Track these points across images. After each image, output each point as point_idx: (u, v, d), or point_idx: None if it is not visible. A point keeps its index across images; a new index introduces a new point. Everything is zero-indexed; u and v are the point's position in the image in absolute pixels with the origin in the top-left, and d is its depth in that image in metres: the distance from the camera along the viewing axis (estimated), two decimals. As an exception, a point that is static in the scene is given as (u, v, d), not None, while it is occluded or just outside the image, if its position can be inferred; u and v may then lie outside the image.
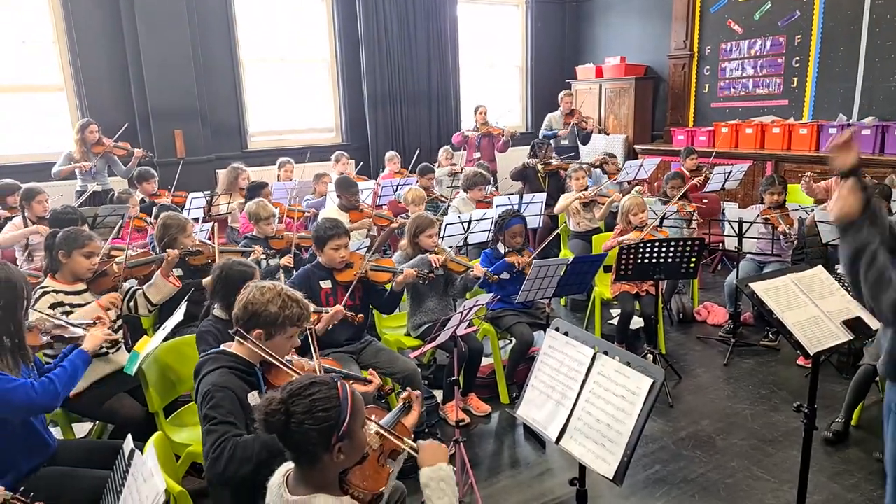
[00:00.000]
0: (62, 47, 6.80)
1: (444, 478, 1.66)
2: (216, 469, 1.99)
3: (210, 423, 2.05)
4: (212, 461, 1.99)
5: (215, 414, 2.05)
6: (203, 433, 2.07)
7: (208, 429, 2.04)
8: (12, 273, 2.35)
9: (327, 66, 8.57)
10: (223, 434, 2.02)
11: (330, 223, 3.47)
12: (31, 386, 2.28)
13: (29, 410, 2.28)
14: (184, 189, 6.04)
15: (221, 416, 2.05)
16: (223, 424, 2.04)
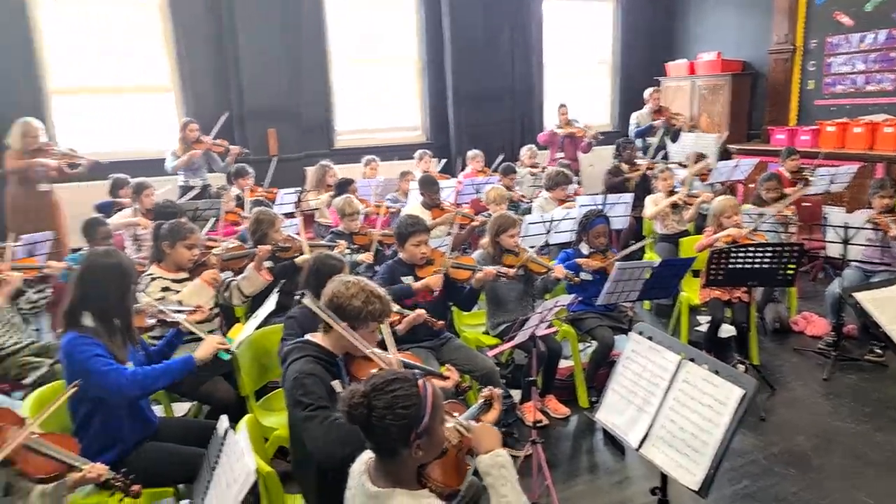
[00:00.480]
0: (170, 51, 7.27)
1: (503, 464, 1.65)
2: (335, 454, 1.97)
3: (308, 410, 2.08)
4: (325, 446, 2.00)
5: (309, 400, 2.09)
6: (302, 419, 2.09)
7: (307, 415, 2.07)
8: (123, 259, 2.55)
9: (413, 65, 8.71)
10: (325, 418, 2.03)
11: (411, 219, 3.53)
12: (123, 374, 2.42)
13: (116, 394, 2.42)
14: (275, 185, 6.30)
15: (316, 400, 2.09)
16: (319, 409, 2.07)
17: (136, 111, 7.31)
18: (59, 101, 6.86)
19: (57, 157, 5.56)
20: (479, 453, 1.69)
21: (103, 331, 2.45)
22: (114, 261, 2.51)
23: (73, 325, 2.41)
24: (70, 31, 6.87)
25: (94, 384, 2.37)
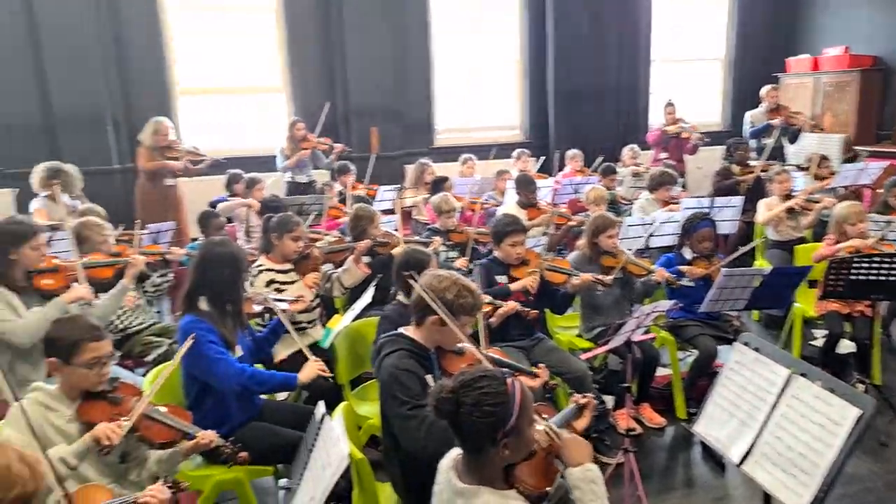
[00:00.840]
0: (282, 53, 7.67)
1: (594, 479, 1.62)
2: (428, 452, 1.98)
3: (406, 408, 2.12)
4: (423, 447, 2.04)
5: (407, 397, 2.13)
6: (401, 417, 2.14)
7: (405, 414, 2.12)
8: (236, 248, 2.73)
9: (514, 64, 8.68)
10: (424, 419, 2.07)
11: (508, 219, 3.53)
12: (232, 366, 2.58)
13: (219, 382, 2.58)
14: (376, 182, 6.49)
15: (413, 398, 2.13)
16: (418, 409, 2.11)
17: (250, 110, 7.77)
18: (184, 101, 7.42)
19: (182, 154, 6.02)
20: (568, 465, 1.67)
21: (217, 315, 2.63)
22: (227, 249, 2.69)
23: (190, 308, 2.61)
24: (194, 35, 7.40)
25: (204, 368, 2.55)
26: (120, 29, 6.92)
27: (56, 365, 2.14)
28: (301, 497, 1.86)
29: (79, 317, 2.23)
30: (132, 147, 6.76)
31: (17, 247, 2.95)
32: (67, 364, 2.12)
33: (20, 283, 3.00)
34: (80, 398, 2.15)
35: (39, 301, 3.06)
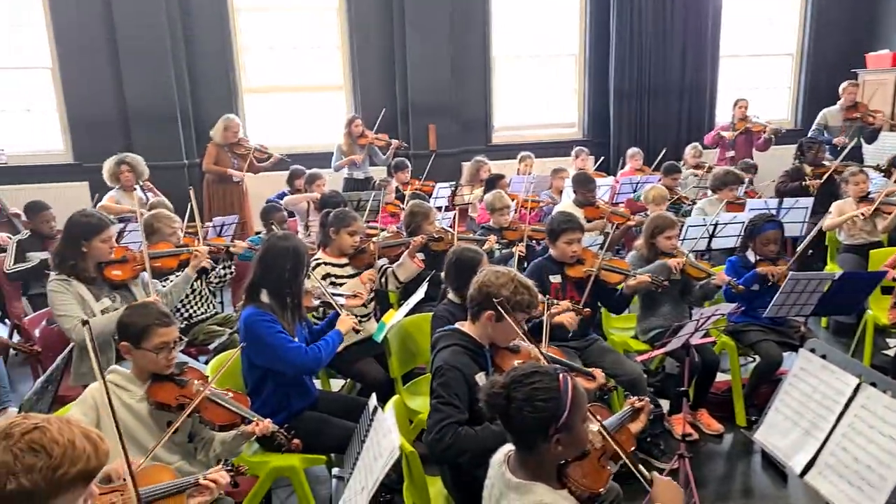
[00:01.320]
0: (344, 51, 7.81)
1: None
2: (435, 449, 2.11)
3: (438, 401, 2.17)
4: (433, 440, 2.11)
5: (443, 392, 2.17)
6: (431, 406, 2.21)
7: (435, 405, 2.17)
8: (298, 242, 2.81)
9: (574, 61, 8.57)
10: (447, 417, 2.12)
11: (565, 217, 3.49)
12: (304, 351, 2.68)
13: (296, 369, 2.68)
14: (433, 179, 6.54)
15: (448, 395, 2.16)
16: (448, 406, 2.15)
17: (311, 108, 7.95)
18: (249, 98, 7.67)
19: (250, 151, 6.23)
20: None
21: (277, 307, 2.71)
22: (290, 244, 2.77)
23: (252, 300, 2.70)
24: (260, 34, 7.62)
25: (276, 357, 2.63)
26: (191, 30, 7.21)
27: (127, 348, 2.26)
28: (353, 486, 1.89)
29: (149, 303, 2.34)
30: (199, 143, 7.05)
31: (89, 239, 3.08)
32: (137, 348, 2.23)
33: (91, 274, 3.13)
34: (149, 380, 2.27)
35: (108, 291, 3.20)
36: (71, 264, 3.04)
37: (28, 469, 1.30)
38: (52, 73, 6.96)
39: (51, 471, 1.32)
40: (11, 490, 1.30)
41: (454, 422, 2.11)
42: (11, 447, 1.31)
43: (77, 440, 1.37)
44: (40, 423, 1.36)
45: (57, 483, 1.33)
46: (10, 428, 1.33)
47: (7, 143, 6.97)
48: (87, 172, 6.85)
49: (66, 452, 1.34)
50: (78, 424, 1.41)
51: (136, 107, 7.02)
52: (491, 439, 1.96)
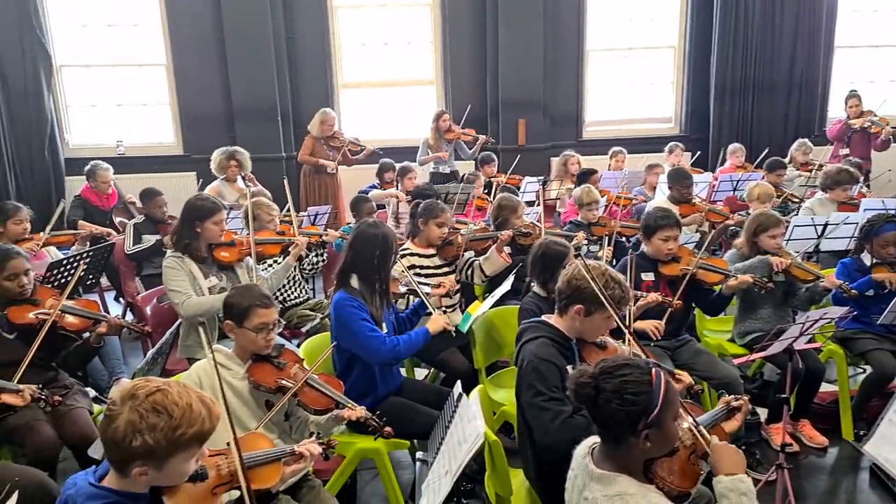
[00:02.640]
0: (437, 46, 7.89)
1: (745, 491, 1.52)
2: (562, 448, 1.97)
3: (540, 399, 2.12)
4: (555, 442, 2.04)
5: (544, 388, 2.12)
6: (536, 407, 2.14)
7: (539, 405, 2.11)
8: (387, 230, 2.87)
9: (673, 54, 8.25)
10: (561, 413, 2.07)
11: (662, 212, 3.36)
12: (384, 341, 2.73)
13: (374, 357, 2.73)
14: (521, 174, 6.49)
15: (549, 390, 2.12)
16: (553, 402, 2.10)
17: (403, 103, 8.09)
18: (344, 94, 7.91)
19: (344, 144, 6.44)
20: (718, 473, 1.59)
21: (366, 292, 2.79)
22: (380, 231, 2.84)
23: (343, 285, 2.79)
24: (356, 31, 7.83)
25: (357, 344, 2.71)
26: (293, 29, 7.52)
27: (230, 326, 2.39)
28: (437, 470, 1.92)
29: (253, 286, 2.47)
30: (297, 137, 7.35)
31: (203, 221, 3.30)
32: (239, 327, 2.35)
33: (202, 253, 3.36)
34: (250, 359, 2.39)
35: (216, 271, 3.42)
36: (185, 243, 3.27)
37: (151, 428, 1.42)
38: (167, 70, 7.47)
39: (171, 430, 1.43)
40: (136, 447, 1.41)
41: (567, 415, 2.07)
42: (137, 407, 1.43)
43: (194, 403, 1.47)
44: (162, 385, 1.47)
45: (175, 442, 1.44)
46: (134, 389, 1.45)
47: (125, 136, 7.55)
48: (194, 163, 7.30)
49: (185, 414, 1.45)
50: (194, 389, 1.52)
51: (241, 102, 7.40)
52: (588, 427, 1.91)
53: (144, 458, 1.44)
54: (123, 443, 1.42)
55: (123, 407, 1.44)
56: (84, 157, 5.88)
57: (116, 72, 7.52)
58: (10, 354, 2.73)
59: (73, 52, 7.37)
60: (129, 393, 1.46)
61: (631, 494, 1.46)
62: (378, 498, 3.11)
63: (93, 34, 7.38)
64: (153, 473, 1.47)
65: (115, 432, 1.43)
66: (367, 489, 3.17)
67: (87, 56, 7.42)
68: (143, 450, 1.43)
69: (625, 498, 1.45)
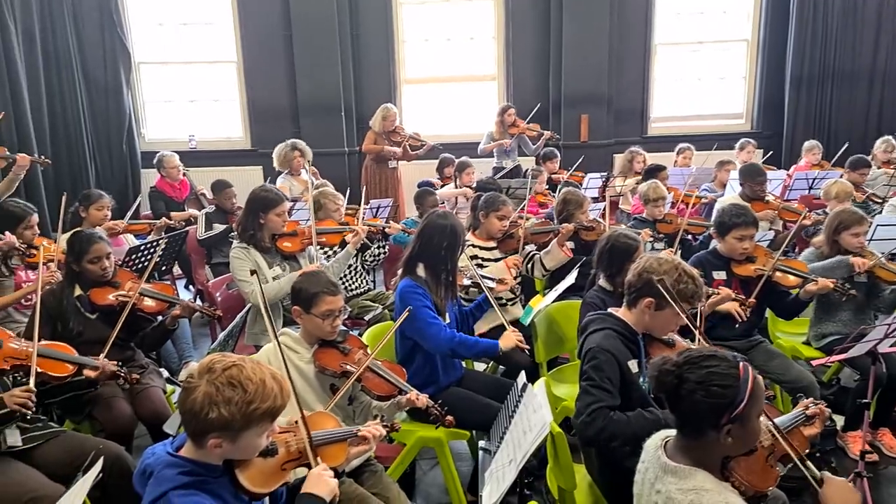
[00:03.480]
0: (499, 41, 7.85)
1: None
2: (584, 432, 2.06)
3: (588, 384, 2.11)
4: (583, 423, 2.06)
5: (595, 375, 2.11)
6: (581, 388, 2.15)
7: (585, 388, 2.12)
8: (456, 222, 2.88)
9: (746, 46, 7.94)
10: (598, 401, 2.06)
11: (738, 209, 3.22)
12: (443, 329, 2.73)
13: (432, 346, 2.74)
14: (583, 171, 6.39)
15: (599, 379, 2.10)
16: (599, 390, 2.08)
17: (464, 98, 8.09)
18: (406, 89, 7.97)
19: (405, 138, 6.50)
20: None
21: (432, 282, 2.80)
22: (448, 222, 2.84)
23: (409, 273, 2.81)
24: (419, 27, 7.88)
25: (417, 329, 2.73)
26: (357, 26, 7.63)
27: (298, 312, 2.43)
28: (500, 458, 1.91)
29: (321, 272, 2.51)
30: (359, 132, 7.46)
31: (266, 212, 3.40)
32: (307, 313, 2.40)
33: (266, 244, 3.45)
34: (316, 344, 2.43)
35: (280, 261, 3.51)
36: (250, 234, 3.37)
37: (227, 401, 1.46)
38: (237, 66, 7.71)
39: (245, 405, 1.47)
40: (213, 418, 1.46)
41: (606, 406, 2.05)
42: (213, 380, 1.48)
43: (267, 380, 1.51)
44: (237, 361, 1.52)
45: (249, 417, 1.48)
46: (211, 363, 1.50)
47: (197, 130, 7.84)
48: (260, 157, 7.51)
49: (258, 390, 1.49)
50: (267, 366, 1.56)
51: (306, 98, 7.57)
52: (643, 426, 1.89)
53: (220, 431, 1.49)
54: (200, 414, 1.47)
55: (201, 380, 1.49)
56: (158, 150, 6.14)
57: (190, 68, 7.83)
58: (94, 333, 2.87)
59: (150, 49, 7.72)
60: (206, 367, 1.51)
61: (707, 490, 1.40)
62: (436, 488, 3.12)
63: (168, 32, 7.70)
64: (227, 446, 1.52)
65: (193, 404, 1.48)
66: (425, 478, 3.19)
67: (162, 53, 7.75)
68: (219, 422, 1.47)
69: (701, 493, 1.40)
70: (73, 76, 7.03)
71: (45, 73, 6.74)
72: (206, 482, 1.53)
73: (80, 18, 7.13)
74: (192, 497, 1.48)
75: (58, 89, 6.94)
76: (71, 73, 7.02)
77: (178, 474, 1.51)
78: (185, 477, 1.51)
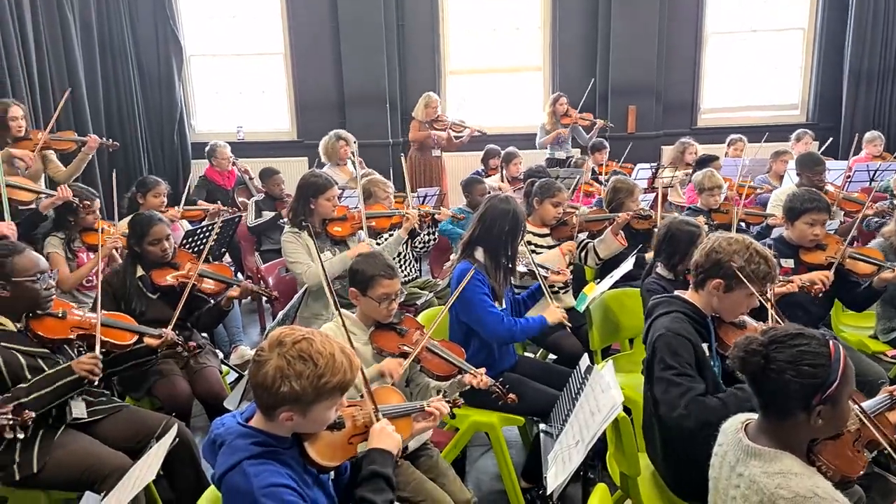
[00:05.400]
0: (546, 31, 7.76)
1: None
2: (684, 425, 1.95)
3: (671, 373, 2.02)
4: (680, 417, 1.96)
5: (674, 362, 2.02)
6: (662, 379, 2.04)
7: (669, 378, 2.01)
8: (518, 207, 2.84)
9: (802, 36, 7.68)
10: (689, 390, 1.97)
11: (810, 194, 3.08)
12: (502, 319, 2.70)
13: (490, 333, 2.71)
14: (630, 162, 6.27)
15: (680, 365, 2.02)
16: (685, 377, 2.00)
17: (509, 90, 8.03)
18: (451, 80, 7.95)
19: (447, 126, 6.48)
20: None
21: (491, 266, 2.77)
22: (510, 207, 2.81)
23: (467, 256, 2.79)
24: (462, 18, 7.84)
25: (475, 318, 2.71)
26: (403, 17, 7.63)
27: (355, 294, 2.43)
28: (564, 440, 1.87)
29: (378, 255, 2.51)
30: (404, 124, 7.47)
31: (316, 197, 3.43)
32: (363, 295, 2.39)
33: (317, 228, 3.47)
34: (373, 326, 2.43)
35: (330, 246, 3.54)
36: (301, 219, 3.41)
37: (298, 375, 1.46)
38: (285, 58, 7.80)
39: (316, 378, 1.47)
40: (284, 392, 1.46)
41: (698, 394, 1.96)
42: (284, 354, 1.47)
43: (336, 353, 1.50)
44: (307, 334, 1.51)
45: (319, 390, 1.48)
46: (281, 337, 1.50)
47: (244, 122, 7.96)
48: (306, 148, 7.59)
49: (329, 363, 1.48)
50: (336, 339, 1.55)
51: (352, 89, 7.61)
52: (739, 407, 1.79)
53: (291, 404, 1.49)
54: (272, 388, 1.47)
55: (272, 353, 1.49)
56: (208, 141, 6.25)
57: (238, 61, 7.95)
58: (155, 313, 2.93)
59: (201, 42, 7.86)
60: (276, 340, 1.51)
61: (795, 474, 1.34)
62: (487, 475, 3.10)
63: (218, 25, 7.83)
64: (298, 419, 1.52)
65: (265, 377, 1.47)
66: (476, 465, 3.17)
67: (212, 46, 7.89)
68: (290, 395, 1.47)
69: (788, 476, 1.33)
70: (128, 68, 7.21)
71: (101, 65, 6.92)
72: (277, 453, 1.54)
73: (136, 12, 7.31)
74: (265, 466, 1.49)
75: (113, 81, 7.13)
76: (126, 65, 7.20)
77: (251, 444, 1.52)
78: (257, 447, 1.52)
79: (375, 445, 1.64)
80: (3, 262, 2.28)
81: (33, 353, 2.30)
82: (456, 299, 2.66)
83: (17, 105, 4.25)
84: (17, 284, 2.28)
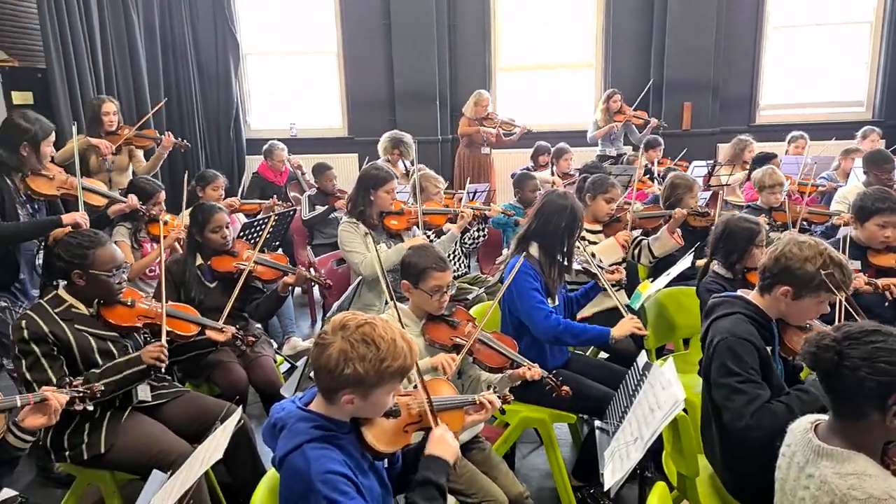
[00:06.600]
0: (598, 27, 7.64)
1: None
2: (752, 435, 1.88)
3: (735, 379, 1.94)
4: (747, 427, 1.88)
5: (738, 369, 1.94)
6: (725, 386, 1.97)
7: (733, 386, 1.94)
8: (576, 203, 2.81)
9: (869, 29, 7.35)
10: (756, 398, 1.89)
11: (881, 194, 2.95)
12: (548, 316, 2.65)
13: (534, 329, 2.68)
14: (685, 160, 6.13)
15: (745, 372, 1.94)
16: (750, 384, 1.93)
17: (560, 86, 7.94)
18: (501, 77, 7.92)
19: (497, 124, 6.47)
20: None
21: (546, 262, 2.75)
22: (567, 202, 2.78)
23: (521, 250, 2.76)
24: (514, 15, 7.79)
25: (523, 310, 2.69)
26: (455, 16, 7.64)
27: (407, 286, 2.45)
28: (621, 437, 1.85)
29: (431, 247, 2.52)
30: (453, 121, 7.48)
31: (376, 189, 3.47)
32: (415, 287, 2.41)
33: (374, 221, 3.52)
34: (425, 318, 2.44)
35: (386, 239, 3.57)
36: (360, 210, 3.45)
37: (361, 358, 1.48)
38: (337, 57, 7.91)
39: (378, 362, 1.49)
40: (347, 374, 1.48)
41: (764, 402, 1.89)
42: (348, 337, 1.50)
43: (397, 339, 1.52)
44: (369, 319, 1.53)
45: (381, 374, 1.50)
46: (344, 321, 1.53)
47: (297, 118, 8.11)
48: (357, 145, 7.69)
49: (390, 348, 1.50)
50: (396, 325, 1.57)
51: (402, 87, 7.66)
52: (805, 411, 1.73)
53: (353, 386, 1.51)
54: (336, 371, 1.49)
55: (335, 336, 1.51)
56: (262, 138, 6.39)
57: (292, 59, 8.10)
58: (213, 302, 3.01)
59: (256, 41, 8.05)
60: (339, 323, 1.53)
61: (870, 475, 1.28)
62: (536, 472, 3.08)
63: (273, 24, 8.00)
64: (359, 402, 1.54)
65: (329, 360, 1.50)
66: (525, 462, 3.16)
67: (267, 44, 8.07)
68: (353, 378, 1.49)
69: (862, 478, 1.28)
70: (188, 67, 7.44)
71: (163, 64, 7.16)
72: (336, 437, 1.56)
73: (196, 12, 7.53)
74: (325, 451, 1.51)
75: (174, 79, 7.36)
76: (186, 63, 7.43)
77: (311, 428, 1.55)
78: (317, 431, 1.54)
79: (432, 452, 1.64)
80: (85, 252, 2.36)
81: (104, 337, 2.39)
82: (507, 293, 2.65)
83: (111, 101, 4.55)
84: (94, 276, 2.37)
